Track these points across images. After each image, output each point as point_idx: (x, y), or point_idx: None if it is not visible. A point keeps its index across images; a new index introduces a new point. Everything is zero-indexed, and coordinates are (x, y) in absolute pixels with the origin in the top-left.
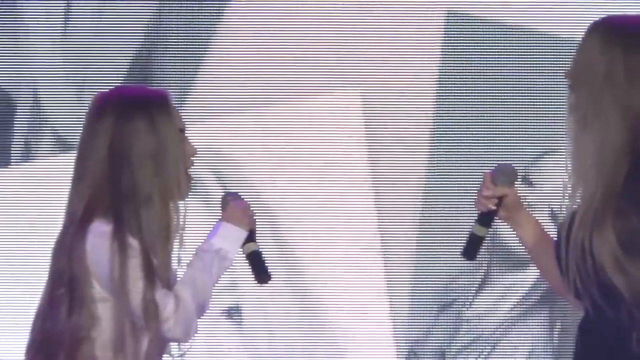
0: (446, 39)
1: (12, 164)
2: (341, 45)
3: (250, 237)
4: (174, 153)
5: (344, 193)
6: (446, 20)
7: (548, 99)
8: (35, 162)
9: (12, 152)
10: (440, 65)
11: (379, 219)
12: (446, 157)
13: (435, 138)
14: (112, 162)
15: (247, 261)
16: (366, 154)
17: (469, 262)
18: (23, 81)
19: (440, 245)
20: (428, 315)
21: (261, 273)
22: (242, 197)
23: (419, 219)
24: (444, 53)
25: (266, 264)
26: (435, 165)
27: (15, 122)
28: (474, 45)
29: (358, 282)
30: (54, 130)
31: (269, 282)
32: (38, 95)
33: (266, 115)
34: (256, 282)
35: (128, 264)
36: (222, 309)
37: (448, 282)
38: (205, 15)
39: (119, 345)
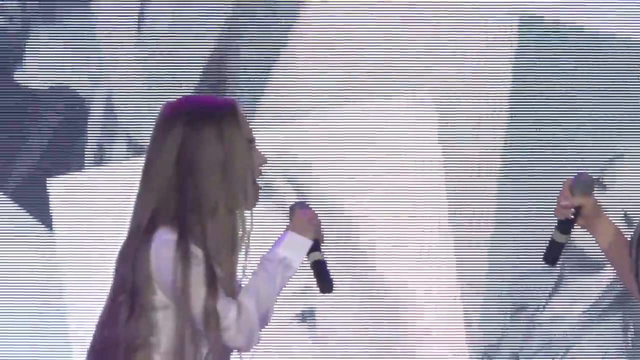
0: (520, 40)
1: (86, 167)
2: (415, 47)
3: (316, 247)
4: (242, 163)
5: (417, 195)
6: (520, 22)
7: (622, 101)
8: (108, 165)
9: (86, 155)
10: (514, 67)
11: (452, 221)
12: (520, 159)
13: (508, 140)
14: (180, 171)
15: (311, 270)
16: (440, 155)
17: (542, 263)
18: (97, 85)
19: (513, 247)
20: (501, 317)
21: (324, 282)
22: (309, 206)
23: (493, 221)
24: (517, 55)
25: (330, 274)
26: (509, 167)
27: (89, 126)
28: (548, 48)
29: (431, 285)
30: (128, 134)
31: (332, 291)
32: (111, 99)
33: (339, 118)
34: (319, 291)
35: (191, 272)
36: (295, 313)
37: (521, 284)
38: (277, 21)
39: (178, 353)
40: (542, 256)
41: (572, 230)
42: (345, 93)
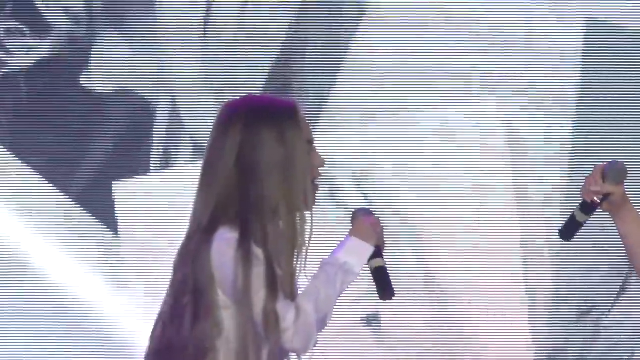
0: (586, 47)
1: (151, 171)
2: (480, 53)
3: (377, 253)
4: (302, 164)
5: (485, 199)
6: (586, 29)
7: None
8: (174, 169)
9: (152, 159)
10: (581, 73)
11: (519, 226)
12: (587, 164)
13: (575, 145)
14: (240, 172)
15: (372, 277)
16: (507, 161)
17: (608, 268)
18: (162, 89)
19: (580, 252)
20: (567, 322)
21: (385, 289)
22: (373, 213)
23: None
24: (584, 61)
25: (391, 281)
26: (576, 172)
27: (154, 130)
28: (614, 53)
29: (497, 289)
30: (193, 137)
31: (393, 298)
32: (177, 103)
33: (406, 123)
34: (379, 298)
35: (251, 272)
36: (361, 317)
37: (587, 289)
38: (344, 22)
39: (242, 355)
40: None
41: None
42: (414, 96)
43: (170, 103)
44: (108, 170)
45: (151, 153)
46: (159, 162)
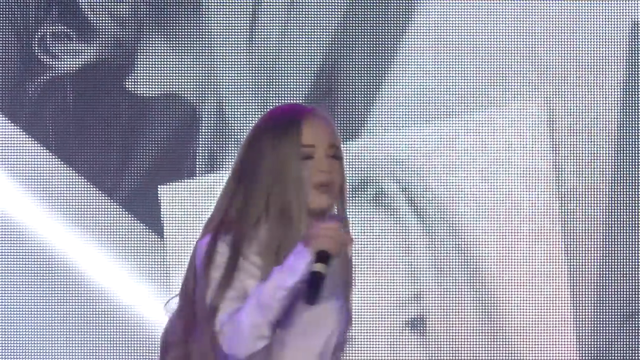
0: (631, 48)
1: (197, 175)
2: (526, 53)
3: (323, 258)
4: (293, 168)
5: (529, 200)
6: (632, 29)
7: None
8: (219, 173)
9: (197, 163)
10: (626, 73)
11: (563, 227)
12: (633, 164)
13: (621, 144)
14: (235, 178)
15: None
16: (552, 160)
17: None
18: (208, 92)
19: (625, 253)
20: (613, 324)
21: (311, 295)
22: (338, 220)
23: (605, 227)
24: (629, 62)
25: (320, 290)
26: (622, 172)
27: (200, 134)
28: None
29: (542, 291)
30: (238, 141)
31: (315, 304)
32: (222, 107)
33: (452, 124)
34: (304, 300)
35: (210, 267)
36: (405, 320)
37: (633, 291)
38: (391, 25)
39: (207, 353)
40: None
41: None
42: (460, 97)
43: (216, 107)
44: (154, 173)
45: (197, 157)
46: (204, 166)
